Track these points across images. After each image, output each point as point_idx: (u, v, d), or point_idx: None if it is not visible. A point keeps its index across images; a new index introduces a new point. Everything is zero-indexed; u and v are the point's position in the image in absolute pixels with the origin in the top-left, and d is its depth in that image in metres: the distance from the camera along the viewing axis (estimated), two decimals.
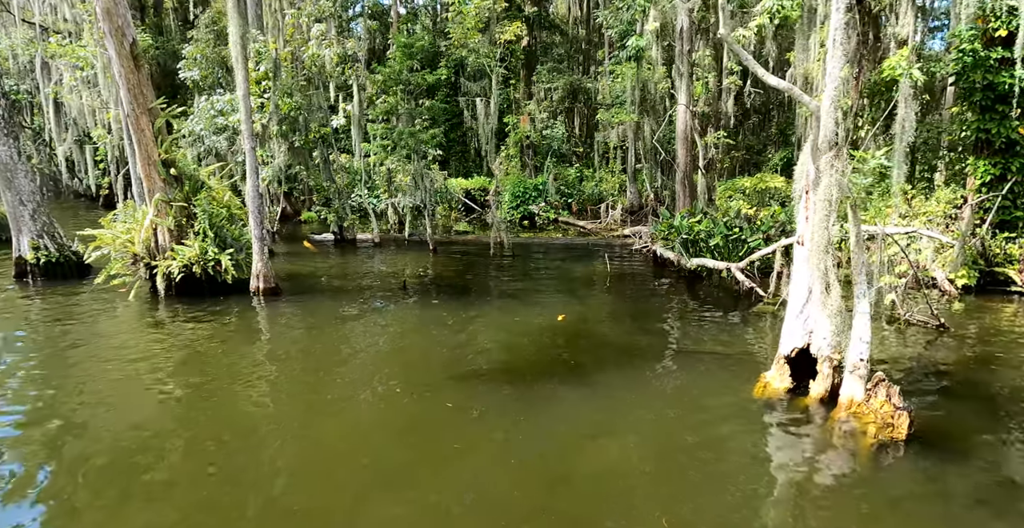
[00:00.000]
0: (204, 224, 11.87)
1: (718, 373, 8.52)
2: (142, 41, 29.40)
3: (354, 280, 14.43)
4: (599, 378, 8.25)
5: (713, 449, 6.50)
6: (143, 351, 9.25)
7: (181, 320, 10.85)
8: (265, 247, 12.24)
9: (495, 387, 7.81)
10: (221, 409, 7.23)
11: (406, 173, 18.89)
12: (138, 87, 12.24)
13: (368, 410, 7.23)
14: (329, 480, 5.67)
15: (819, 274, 7.23)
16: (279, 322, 10.95)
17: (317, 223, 23.41)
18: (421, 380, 8.02)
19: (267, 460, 6.03)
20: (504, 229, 17.92)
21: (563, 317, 10.88)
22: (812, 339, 7.62)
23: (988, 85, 14.23)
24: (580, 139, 35.23)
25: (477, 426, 6.73)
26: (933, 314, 10.66)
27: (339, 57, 19.27)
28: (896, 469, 6.16)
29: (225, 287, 12.12)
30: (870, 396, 7.06)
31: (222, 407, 7.28)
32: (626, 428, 6.85)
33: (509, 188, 25.59)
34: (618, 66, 22.32)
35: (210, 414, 7.10)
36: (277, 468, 5.90)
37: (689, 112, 17.92)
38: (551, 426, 6.73)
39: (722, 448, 6.54)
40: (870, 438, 6.67)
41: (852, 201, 6.97)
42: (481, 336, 10.13)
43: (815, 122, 6.90)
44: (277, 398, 7.63)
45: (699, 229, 14.68)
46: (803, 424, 7.16)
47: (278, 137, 19.32)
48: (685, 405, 7.57)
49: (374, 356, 9.09)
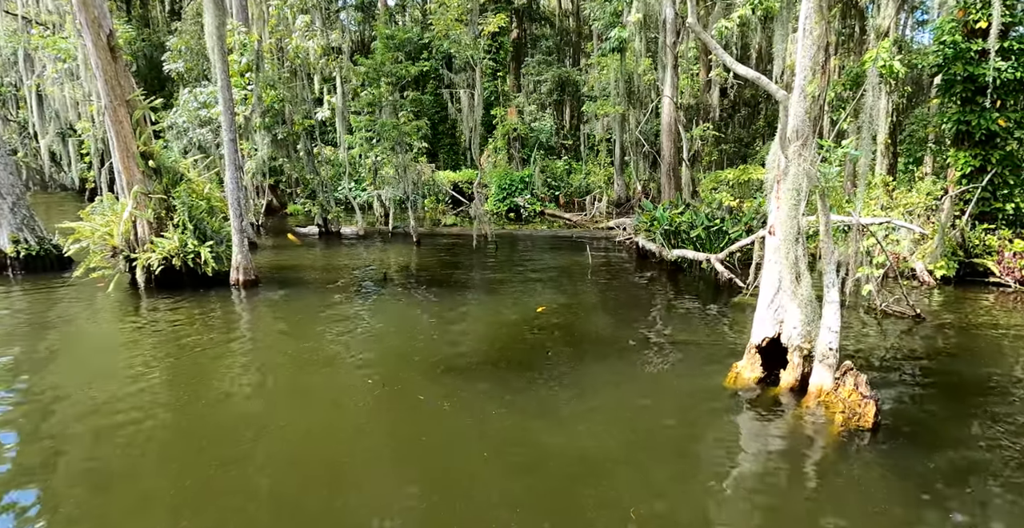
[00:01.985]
0: (184, 216, 11.82)
1: (693, 364, 8.58)
2: (125, 34, 29.22)
3: (337, 272, 14.42)
4: (575, 369, 8.30)
5: (683, 438, 6.56)
6: (121, 343, 9.23)
7: (160, 312, 10.83)
8: (245, 239, 12.22)
9: (470, 380, 7.82)
10: (198, 401, 7.23)
11: (391, 165, 18.85)
12: (115, 78, 12.15)
13: (339, 402, 7.22)
14: (295, 473, 5.69)
15: (789, 264, 7.28)
16: (258, 314, 10.95)
17: (302, 216, 23.33)
18: (396, 373, 8.02)
19: (238, 453, 6.05)
20: (488, 221, 17.92)
21: (542, 308, 10.92)
22: (783, 329, 7.68)
23: (968, 77, 14.30)
24: (568, 132, 35.23)
25: (448, 419, 6.74)
26: (910, 305, 10.75)
27: (323, 49, 19.17)
28: (860, 456, 6.22)
29: (205, 279, 12.10)
30: (838, 385, 7.13)
31: (199, 399, 7.28)
32: (599, 419, 6.89)
33: (496, 180, 25.57)
34: (603, 58, 22.28)
35: (186, 405, 7.11)
36: (246, 459, 5.91)
37: (673, 104, 17.92)
38: (523, 420, 6.75)
39: (692, 437, 6.60)
40: (837, 427, 6.74)
41: (820, 190, 7.01)
42: (460, 328, 10.15)
43: (783, 112, 6.92)
44: (249, 390, 7.63)
45: (681, 220, 14.73)
46: (772, 413, 7.23)
47: (262, 129, 19.23)
48: (658, 395, 7.62)
49: (351, 348, 9.10)
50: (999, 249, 14.12)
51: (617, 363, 8.57)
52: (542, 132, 29.58)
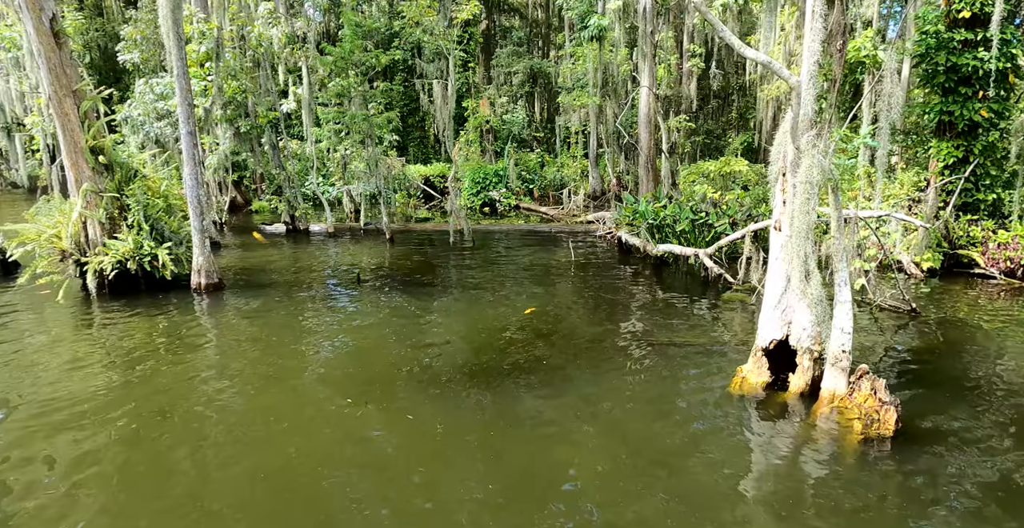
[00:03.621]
0: (138, 216, 10.94)
1: (691, 367, 8.12)
2: (76, 22, 27.70)
3: (306, 274, 13.63)
4: (569, 377, 7.75)
5: (688, 450, 6.07)
6: (67, 359, 8.38)
7: (114, 321, 9.96)
8: (207, 239, 11.37)
9: (461, 394, 7.19)
10: (153, 433, 6.49)
11: (361, 159, 18.04)
12: (60, 67, 11.17)
13: (318, 427, 6.45)
14: (272, 520, 5.02)
15: (799, 261, 6.83)
16: (222, 322, 10.15)
17: (268, 213, 22.36)
18: (377, 389, 7.35)
19: (203, 495, 5.35)
20: (464, 217, 17.26)
21: (531, 310, 10.34)
22: (791, 330, 7.24)
23: (951, 67, 14.10)
24: (541, 124, 34.65)
25: (443, 445, 6.07)
26: (905, 299, 10.47)
27: (287, 37, 18.23)
28: (882, 467, 5.81)
29: (164, 284, 11.23)
30: (853, 390, 6.73)
31: (154, 430, 6.54)
32: (598, 432, 6.37)
33: (469, 174, 24.89)
34: (579, 48, 21.73)
35: (139, 439, 6.36)
36: (213, 510, 5.22)
37: (653, 94, 17.47)
38: (525, 444, 6.14)
39: (698, 448, 6.12)
40: (855, 434, 6.33)
41: (834, 183, 6.57)
42: (442, 333, 9.51)
43: (796, 99, 6.44)
44: (212, 414, 6.91)
45: (664, 214, 14.29)
46: (783, 420, 6.79)
47: (223, 122, 18.23)
48: (658, 403, 7.13)
49: (325, 359, 8.40)
50: (983, 240, 14.00)
51: (613, 368, 8.05)
52: (514, 124, 28.95)
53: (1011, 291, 12.53)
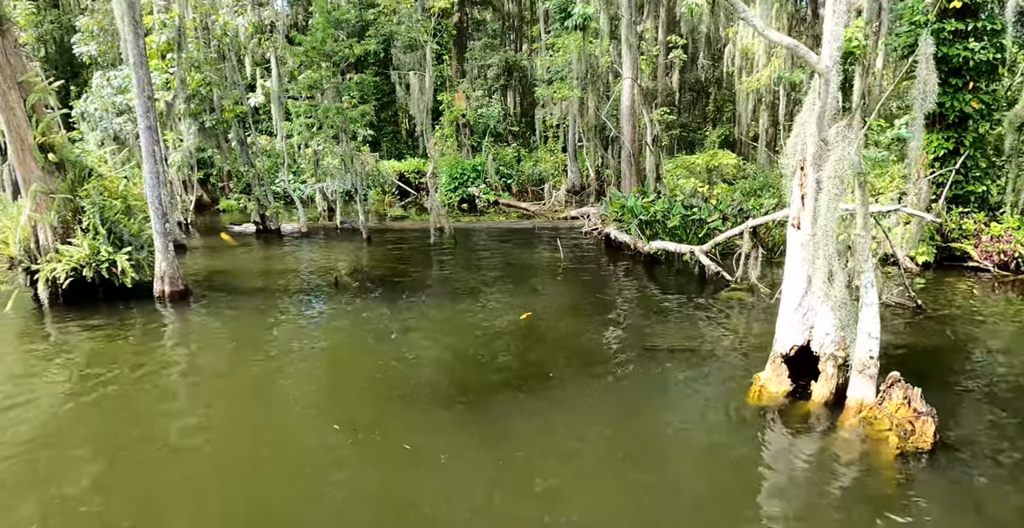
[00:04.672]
0: (94, 219, 10.03)
1: (704, 376, 7.58)
2: (26, 12, 26.14)
3: (279, 278, 12.78)
4: (574, 392, 7.13)
5: (708, 470, 5.54)
6: (15, 375, 7.52)
7: (68, 335, 9.08)
8: (170, 243, 10.50)
9: (457, 415, 6.51)
10: (113, 451, 5.73)
11: (334, 155, 17.20)
12: (3, 56, 10.19)
13: (306, 464, 5.60)
14: None
15: (822, 262, 6.32)
16: (188, 334, 9.32)
17: (237, 212, 21.34)
18: (366, 411, 6.62)
19: None
20: (445, 214, 16.56)
21: (526, 315, 9.70)
22: (813, 335, 6.75)
23: (942, 58, 13.81)
24: (516, 118, 34.01)
25: (447, 478, 5.31)
26: (910, 296, 10.11)
27: (254, 26, 17.28)
28: (926, 486, 5.34)
29: (124, 292, 10.34)
30: (883, 399, 6.26)
31: (115, 448, 5.78)
32: (614, 455, 5.79)
33: (446, 169, 24.16)
34: (558, 39, 21.10)
35: (99, 456, 5.60)
36: None
37: (638, 86, 16.95)
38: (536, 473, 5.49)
39: (720, 467, 5.60)
40: (890, 448, 5.85)
41: (862, 178, 6.07)
42: (432, 344, 8.80)
43: (823, 86, 5.91)
44: (177, 440, 6.16)
45: (655, 210, 13.79)
46: (810, 433, 6.30)
47: (187, 117, 17.23)
48: (675, 418, 6.58)
49: (305, 376, 7.63)
50: (976, 233, 13.78)
51: (617, 379, 7.49)
52: (490, 118, 28.26)
53: (1006, 284, 12.32)
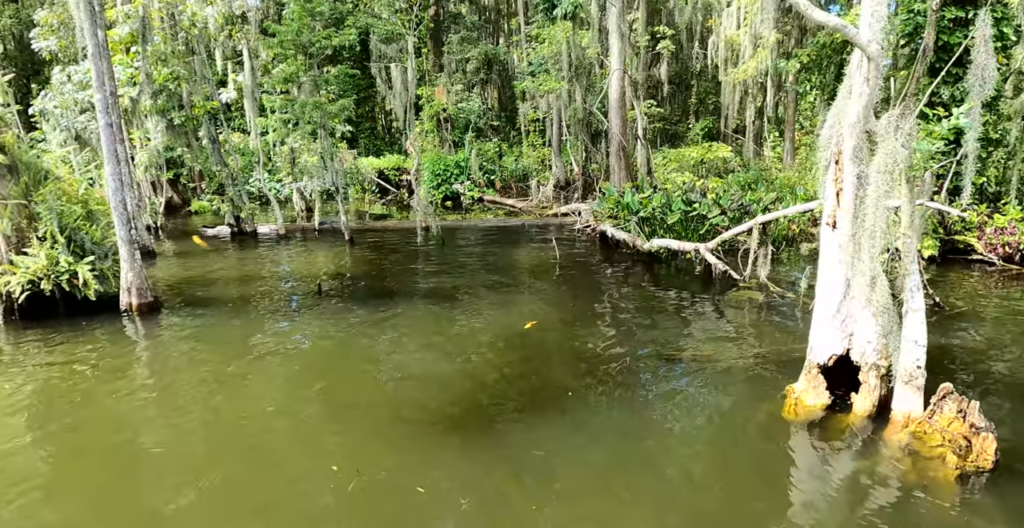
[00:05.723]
0: (52, 226, 9.13)
1: (730, 388, 6.99)
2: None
3: (257, 285, 11.91)
4: (593, 411, 6.49)
5: (752, 497, 4.94)
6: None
7: (24, 355, 8.19)
8: (137, 251, 9.62)
9: (471, 445, 5.77)
10: (76, 495, 4.96)
11: (312, 152, 16.35)
12: None
13: (303, 514, 4.81)
14: None
15: (867, 265, 5.76)
16: (159, 352, 8.46)
17: (210, 214, 20.33)
18: (365, 443, 5.84)
19: None
20: (432, 213, 15.81)
21: (531, 324, 9.00)
22: (853, 343, 6.19)
23: (941, 47, 13.43)
24: (497, 112, 33.27)
25: (471, 522, 4.60)
26: (929, 293, 9.63)
27: (225, 17, 16.33)
28: (991, 511, 4.81)
29: (88, 306, 9.44)
30: (934, 412, 5.72)
31: (77, 491, 5.01)
32: (654, 485, 5.17)
33: (428, 166, 23.39)
34: (542, 30, 20.40)
35: (58, 502, 4.83)
36: None
37: (628, 77, 16.35)
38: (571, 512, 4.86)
39: (763, 495, 5.01)
40: (948, 468, 5.31)
41: (911, 172, 5.51)
42: (429, 358, 8.04)
43: (873, 72, 5.32)
44: (148, 475, 5.40)
45: (654, 206, 13.21)
46: (855, 452, 5.74)
47: (154, 113, 16.23)
48: (703, 436, 5.98)
49: (291, 400, 6.84)
50: (979, 225, 13.45)
51: (643, 398, 6.86)
52: (471, 113, 27.48)
53: (1014, 277, 11.98)
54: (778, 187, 15.91)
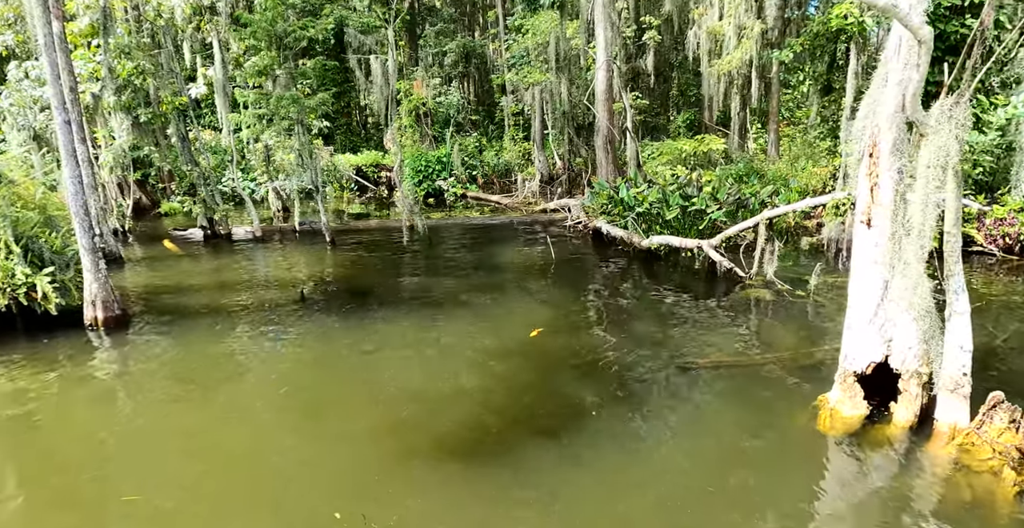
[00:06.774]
0: (6, 235, 8.33)
1: (756, 398, 6.51)
2: None
3: (234, 292, 11.13)
4: (616, 432, 5.95)
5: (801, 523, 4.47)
6: None
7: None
8: (101, 260, 8.84)
9: (491, 480, 5.18)
10: None
11: (288, 150, 15.56)
12: None
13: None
14: None
15: (913, 266, 5.30)
16: (128, 372, 7.68)
17: (181, 216, 19.39)
18: (368, 480, 5.19)
19: None
20: (418, 211, 15.16)
21: (536, 332, 8.40)
22: (892, 349, 5.74)
23: (938, 35, 13.07)
24: (476, 106, 32.57)
25: None
26: None
27: (192, 8, 15.44)
28: None
29: (49, 321, 8.64)
30: (983, 423, 5.30)
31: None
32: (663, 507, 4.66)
33: (409, 162, 22.68)
34: (525, 21, 19.77)
35: None
36: None
37: (617, 68, 15.82)
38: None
39: (808, 517, 4.55)
40: (1006, 485, 4.89)
41: (960, 166, 5.05)
42: (428, 373, 7.41)
43: (924, 56, 4.84)
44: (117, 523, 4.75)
45: (651, 201, 12.71)
46: (900, 467, 5.30)
47: (118, 111, 15.31)
48: (736, 456, 5.48)
49: (280, 428, 6.17)
50: (978, 216, 13.19)
51: (665, 414, 6.35)
52: (451, 107, 26.78)
53: (1015, 268, 11.74)
54: (771, 180, 15.53)
